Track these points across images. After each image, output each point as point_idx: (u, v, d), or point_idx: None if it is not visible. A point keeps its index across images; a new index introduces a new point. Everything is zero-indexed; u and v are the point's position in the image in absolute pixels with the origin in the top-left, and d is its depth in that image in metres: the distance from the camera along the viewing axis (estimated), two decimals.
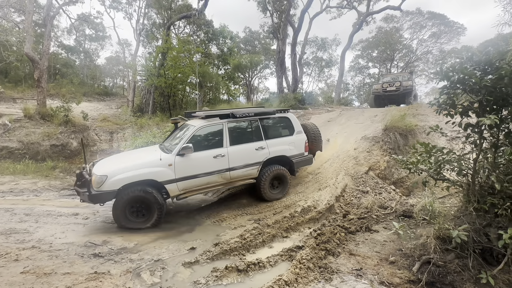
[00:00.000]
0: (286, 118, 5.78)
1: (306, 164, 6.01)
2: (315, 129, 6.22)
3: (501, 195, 2.67)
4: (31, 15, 12.09)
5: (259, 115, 5.43)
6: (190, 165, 4.60)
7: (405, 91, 12.98)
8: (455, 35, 25.49)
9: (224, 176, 4.91)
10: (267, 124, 5.55)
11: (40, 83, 11.75)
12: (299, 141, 5.72)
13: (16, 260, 2.93)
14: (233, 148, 5.01)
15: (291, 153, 5.57)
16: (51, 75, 22.92)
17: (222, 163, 4.86)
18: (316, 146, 6.14)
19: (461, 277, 2.58)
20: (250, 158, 5.16)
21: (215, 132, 5.03)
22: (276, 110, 5.74)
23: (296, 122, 5.83)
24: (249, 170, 5.16)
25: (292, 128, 5.75)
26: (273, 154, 5.36)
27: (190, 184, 4.63)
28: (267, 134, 5.45)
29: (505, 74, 2.48)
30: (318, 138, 6.18)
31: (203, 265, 3.02)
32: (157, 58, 16.00)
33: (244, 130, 5.37)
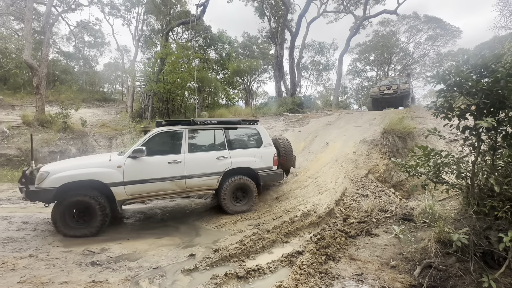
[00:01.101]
0: (254, 129, 5.60)
1: (275, 179, 5.71)
2: (286, 144, 5.93)
3: (501, 198, 2.66)
4: (30, 22, 12.17)
5: (222, 124, 5.31)
6: (141, 169, 4.40)
7: (403, 93, 13.02)
8: (451, 38, 25.80)
9: (179, 184, 4.66)
10: (232, 134, 5.37)
11: (39, 89, 11.78)
12: (266, 154, 5.47)
13: (13, 270, 2.89)
14: (191, 156, 4.82)
15: (257, 166, 5.31)
16: (50, 81, 22.99)
17: (178, 170, 4.64)
18: (287, 161, 5.83)
19: (462, 281, 2.56)
20: (210, 167, 4.92)
21: (173, 137, 4.90)
22: (242, 121, 5.59)
23: (265, 134, 5.65)
24: (208, 179, 4.90)
25: (260, 141, 5.54)
26: (236, 165, 5.12)
27: (140, 189, 4.41)
28: (231, 144, 5.26)
29: (501, 77, 2.50)
30: (289, 153, 5.87)
31: (202, 272, 2.98)
32: (156, 63, 16.09)
33: (207, 138, 5.20)
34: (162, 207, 6.22)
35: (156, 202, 6.58)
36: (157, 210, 5.94)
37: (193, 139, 5.03)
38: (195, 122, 5.05)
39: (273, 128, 11.32)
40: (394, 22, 27.95)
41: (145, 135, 5.53)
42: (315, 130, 9.85)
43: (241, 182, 5.15)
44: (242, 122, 5.58)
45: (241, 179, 5.14)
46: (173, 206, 6.32)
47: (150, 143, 4.63)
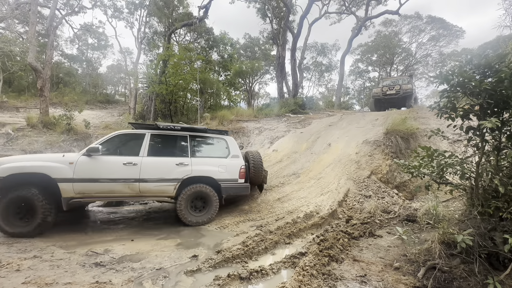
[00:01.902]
0: (222, 139, 5.48)
1: (240, 192, 5.36)
2: (256, 158, 5.68)
3: (505, 199, 2.64)
4: (34, 25, 12.31)
5: (187, 130, 5.21)
6: (94, 168, 4.30)
7: (405, 94, 12.99)
8: (454, 38, 25.68)
9: (132, 187, 4.49)
10: (198, 142, 5.29)
11: (43, 92, 11.90)
12: (232, 165, 5.24)
13: (18, 270, 2.92)
14: (149, 159, 4.68)
15: (220, 177, 5.06)
16: (54, 84, 23.22)
17: (132, 172, 4.49)
18: (256, 176, 5.58)
19: (467, 283, 2.53)
20: (167, 172, 4.73)
21: (134, 140, 4.84)
22: (209, 129, 5.48)
23: (233, 145, 5.48)
24: (164, 185, 4.69)
25: (228, 151, 5.38)
26: (196, 173, 4.89)
27: (89, 187, 4.27)
28: (195, 152, 5.13)
29: (505, 77, 2.48)
30: (258, 167, 5.59)
31: (205, 273, 2.98)
32: (158, 65, 16.19)
33: (169, 143, 5.10)
34: (166, 209, 6.25)
35: (158, 204, 6.61)
36: (159, 211, 5.96)
37: (155, 143, 4.93)
38: (158, 127, 4.97)
39: (275, 129, 11.32)
40: (396, 23, 27.91)
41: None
42: (318, 131, 9.83)
43: (201, 191, 4.88)
44: (210, 131, 5.47)
45: (201, 188, 4.88)
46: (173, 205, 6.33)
47: (108, 143, 4.59)
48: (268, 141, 10.37)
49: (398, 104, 13.38)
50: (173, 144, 5.11)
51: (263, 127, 11.74)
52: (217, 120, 12.36)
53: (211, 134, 5.47)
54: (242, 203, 5.95)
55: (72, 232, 4.35)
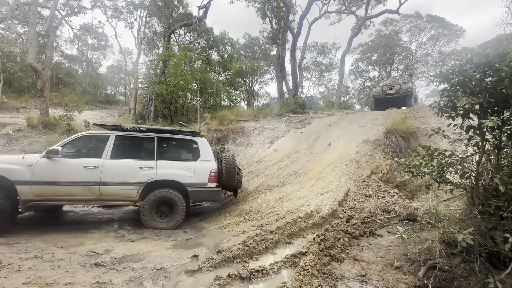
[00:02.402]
0: (193, 141, 5.15)
1: (209, 197, 5.10)
2: (229, 161, 5.30)
3: (506, 198, 2.64)
4: (34, 26, 12.31)
5: (153, 132, 4.97)
6: (53, 170, 4.20)
7: (405, 93, 12.97)
8: (454, 38, 25.66)
9: (92, 190, 4.35)
10: (165, 144, 5.04)
11: (43, 92, 11.90)
12: (201, 168, 4.90)
13: (19, 271, 2.92)
14: (112, 161, 4.51)
15: (188, 181, 4.76)
16: (54, 84, 23.25)
17: (93, 175, 4.34)
18: (228, 181, 5.21)
19: (468, 282, 2.53)
20: (130, 176, 4.53)
21: (98, 142, 4.71)
22: (178, 131, 5.15)
23: (205, 147, 5.15)
24: (126, 189, 4.50)
25: (198, 154, 5.06)
26: (161, 176, 4.65)
27: (48, 190, 4.18)
28: (162, 155, 4.88)
29: (505, 76, 2.48)
30: (231, 172, 5.21)
31: (206, 273, 2.99)
32: (158, 65, 16.19)
33: (136, 145, 4.93)
34: None
35: None
36: None
37: (120, 145, 4.75)
38: (122, 128, 4.78)
39: (275, 129, 11.31)
40: (396, 22, 27.87)
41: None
42: (318, 131, 9.83)
43: (166, 196, 4.63)
44: (180, 132, 5.19)
45: (166, 194, 4.63)
46: None
47: (71, 144, 4.49)
48: (268, 140, 10.37)
49: (398, 103, 13.37)
50: (139, 146, 4.93)
51: (263, 127, 11.74)
52: (217, 120, 12.36)
53: (181, 135, 5.18)
54: (243, 203, 5.95)
55: (68, 232, 4.35)
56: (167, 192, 4.64)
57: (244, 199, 6.17)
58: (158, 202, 4.66)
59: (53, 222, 4.95)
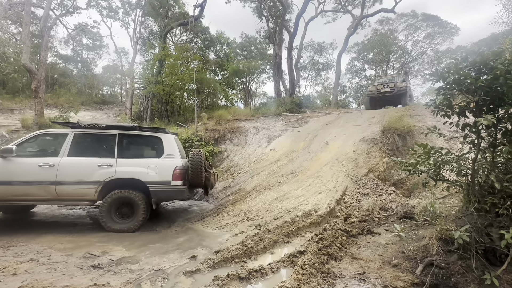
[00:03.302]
0: (157, 138, 4.95)
1: (173, 196, 4.87)
2: (195, 158, 5.01)
3: (501, 195, 2.67)
4: (28, 26, 12.16)
5: (113, 129, 4.79)
6: (6, 170, 4.13)
7: (400, 92, 13.02)
8: (449, 36, 25.85)
9: (48, 190, 4.24)
10: (128, 141, 4.87)
11: (38, 93, 11.77)
12: (164, 166, 4.68)
13: (14, 274, 2.88)
14: (69, 160, 4.38)
15: (149, 179, 4.55)
16: (49, 85, 23.01)
17: (48, 174, 4.23)
18: (194, 178, 4.95)
19: (465, 279, 2.56)
20: (88, 174, 4.38)
21: (56, 140, 4.59)
22: (140, 127, 4.96)
23: (170, 144, 4.93)
24: (83, 188, 4.35)
25: (162, 151, 4.85)
26: (120, 175, 4.47)
27: (2, 191, 4.12)
28: (122, 152, 4.70)
29: (500, 74, 2.50)
30: (196, 169, 4.94)
31: (204, 273, 2.98)
32: (155, 65, 16.09)
33: (95, 143, 4.79)
34: (163, 207, 6.22)
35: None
36: (158, 211, 5.93)
37: (79, 143, 4.61)
38: (80, 125, 4.64)
39: (273, 128, 11.32)
40: (392, 21, 28.00)
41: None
42: (315, 130, 9.85)
43: (125, 196, 4.47)
44: (144, 129, 5.01)
45: (125, 193, 4.47)
46: (174, 206, 6.32)
47: (27, 143, 4.39)
48: (266, 140, 10.36)
49: (393, 102, 13.42)
50: (99, 143, 4.79)
51: (261, 126, 11.73)
52: (214, 120, 12.33)
53: (144, 132, 4.99)
54: (241, 203, 5.94)
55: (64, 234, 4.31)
56: (127, 192, 4.47)
57: (242, 199, 6.17)
58: (118, 203, 4.49)
59: (50, 225, 4.90)
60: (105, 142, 4.79)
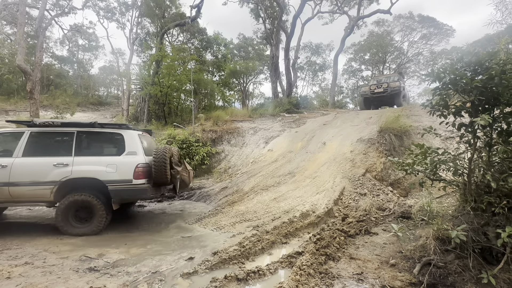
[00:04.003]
0: (118, 135, 4.73)
1: (135, 195, 4.67)
2: (159, 155, 4.70)
3: (497, 194, 2.68)
4: (23, 27, 12.05)
5: (70, 126, 4.63)
6: None
7: (393, 92, 12.95)
8: (445, 37, 26.11)
9: (1, 191, 4.11)
10: (86, 139, 4.66)
11: (33, 94, 11.66)
12: (125, 164, 4.46)
13: (9, 278, 2.84)
14: (23, 160, 4.24)
15: (108, 178, 4.34)
16: (44, 86, 22.81)
17: (0, 176, 4.10)
18: (158, 176, 4.67)
19: (462, 278, 2.57)
20: (43, 174, 4.20)
21: (11, 139, 4.45)
22: (98, 123, 4.73)
23: (132, 141, 4.70)
24: (38, 189, 4.19)
25: (123, 148, 4.63)
26: (77, 174, 4.27)
27: None
28: (81, 150, 4.50)
29: (495, 74, 2.52)
30: (160, 166, 4.64)
31: (202, 275, 2.96)
32: (151, 66, 16.03)
33: (52, 141, 4.61)
34: (156, 207, 6.18)
35: (154, 205, 6.54)
36: (154, 211, 5.89)
37: (35, 142, 4.45)
38: (35, 124, 4.51)
39: (270, 129, 11.32)
40: (388, 22, 28.22)
41: None
42: (312, 130, 9.87)
43: (81, 197, 4.30)
44: (104, 126, 4.82)
45: (81, 194, 4.30)
46: (171, 207, 6.28)
47: None
48: (263, 141, 10.36)
49: (387, 102, 13.36)
50: (56, 142, 4.61)
51: (258, 127, 11.73)
52: (211, 121, 12.29)
53: (104, 129, 4.79)
54: (239, 204, 5.93)
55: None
56: (83, 193, 4.30)
57: (240, 200, 6.15)
58: (74, 205, 4.30)
59: (45, 227, 4.84)
60: (62, 140, 4.59)
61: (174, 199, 7.30)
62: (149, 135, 5.82)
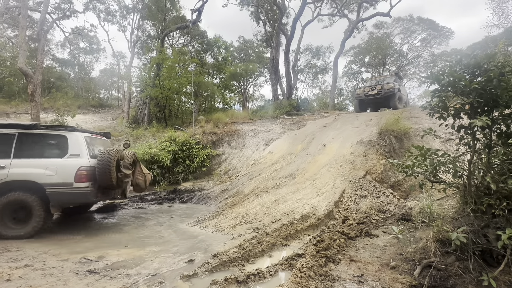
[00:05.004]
0: (62, 137, 4.61)
1: (76, 199, 4.51)
2: (103, 157, 4.53)
3: (497, 196, 2.68)
4: (24, 30, 12.13)
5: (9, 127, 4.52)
6: None
7: (387, 94, 12.52)
8: (444, 39, 26.19)
9: None
10: (27, 141, 4.53)
11: (34, 97, 11.70)
12: (66, 166, 4.35)
13: (8, 280, 2.84)
14: None
15: (47, 181, 4.24)
16: (46, 88, 22.89)
17: None
18: (102, 179, 4.52)
19: (462, 280, 2.56)
20: None
21: None
22: (40, 124, 4.65)
23: (76, 143, 4.58)
24: None
25: (66, 150, 4.51)
26: (14, 177, 4.19)
27: None
28: (21, 152, 4.38)
29: (494, 76, 2.53)
30: (104, 169, 4.46)
31: (201, 277, 2.95)
32: (152, 69, 16.10)
33: None
34: (157, 209, 6.18)
35: (154, 207, 6.54)
36: (154, 213, 5.89)
37: None
38: None
39: (270, 131, 11.33)
40: (388, 25, 28.34)
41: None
42: (312, 132, 9.88)
43: (17, 199, 4.18)
44: (48, 127, 4.71)
45: (17, 196, 4.18)
46: (171, 210, 6.28)
47: None
48: (263, 143, 10.37)
49: (382, 104, 12.95)
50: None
51: (258, 129, 11.75)
52: (212, 123, 12.32)
53: (48, 130, 4.66)
54: (239, 206, 5.92)
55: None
56: (19, 195, 4.19)
57: (240, 202, 6.15)
58: (10, 207, 4.21)
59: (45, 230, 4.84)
60: (2, 142, 4.46)
61: (174, 202, 7.30)
62: (106, 138, 5.76)
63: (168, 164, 9.11)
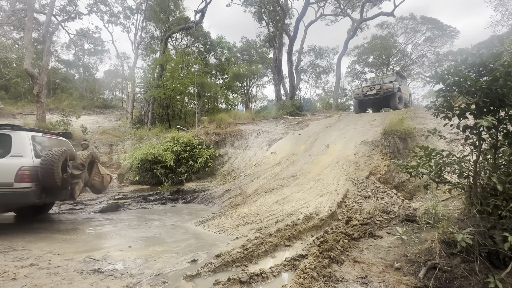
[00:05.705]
0: (6, 136, 4.50)
1: (16, 200, 4.35)
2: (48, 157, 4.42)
3: (504, 197, 2.64)
4: (30, 32, 12.30)
5: None
6: None
7: (386, 94, 12.17)
8: (449, 39, 25.95)
9: None
10: None
11: (40, 98, 11.85)
12: (6, 166, 4.25)
13: (14, 279, 2.87)
14: None
15: None
16: (51, 90, 23.17)
17: None
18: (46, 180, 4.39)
19: (468, 282, 2.52)
20: None
21: None
22: None
23: (19, 142, 4.49)
24: None
25: (9, 149, 4.40)
26: None
27: None
28: None
29: (500, 76, 2.50)
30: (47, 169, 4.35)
31: (205, 278, 2.95)
32: (156, 70, 16.20)
33: None
34: (160, 209, 6.21)
35: (157, 207, 6.57)
36: (158, 214, 5.92)
37: None
38: None
39: (273, 132, 11.32)
40: (392, 24, 28.16)
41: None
42: (316, 133, 9.85)
43: None
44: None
45: None
46: (175, 210, 6.30)
47: None
48: (267, 143, 10.36)
49: (381, 104, 12.73)
50: None
51: (261, 129, 11.74)
52: (215, 123, 12.35)
53: None
54: (242, 206, 5.92)
55: None
56: None
57: (243, 202, 6.15)
58: None
59: (51, 229, 4.89)
60: None
61: (178, 202, 7.33)
62: (63, 139, 5.64)
63: (172, 164, 9.15)
